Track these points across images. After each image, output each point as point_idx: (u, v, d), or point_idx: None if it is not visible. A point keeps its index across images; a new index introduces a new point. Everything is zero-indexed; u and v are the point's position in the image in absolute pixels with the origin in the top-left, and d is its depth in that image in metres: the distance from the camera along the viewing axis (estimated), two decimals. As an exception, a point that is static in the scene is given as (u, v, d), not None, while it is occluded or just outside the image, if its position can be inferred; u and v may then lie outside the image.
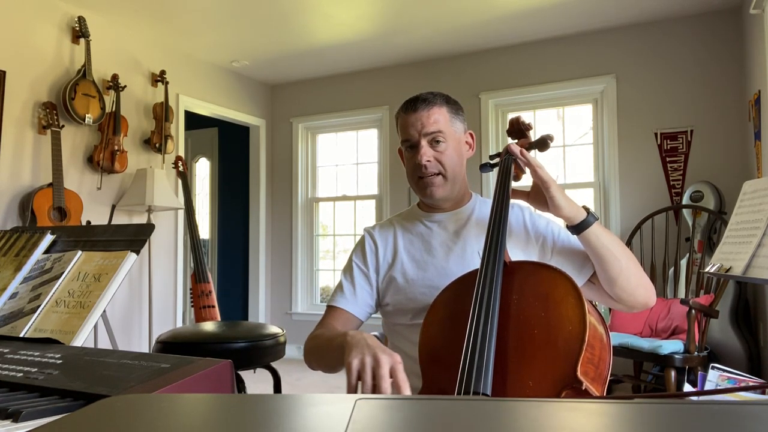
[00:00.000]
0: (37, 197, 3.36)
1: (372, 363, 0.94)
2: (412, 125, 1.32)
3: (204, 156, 6.29)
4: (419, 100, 1.34)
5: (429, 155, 1.31)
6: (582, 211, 1.17)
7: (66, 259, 0.99)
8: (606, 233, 1.19)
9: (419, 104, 1.33)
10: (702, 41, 4.00)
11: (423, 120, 1.32)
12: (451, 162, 1.33)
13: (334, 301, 1.36)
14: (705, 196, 3.75)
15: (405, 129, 1.35)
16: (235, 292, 5.81)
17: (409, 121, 1.33)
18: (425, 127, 1.32)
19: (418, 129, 1.32)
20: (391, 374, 0.92)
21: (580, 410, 0.32)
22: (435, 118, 1.32)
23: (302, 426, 0.31)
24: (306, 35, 4.38)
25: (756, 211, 1.41)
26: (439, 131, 1.32)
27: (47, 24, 3.67)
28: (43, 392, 0.66)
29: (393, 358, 0.94)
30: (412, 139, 1.33)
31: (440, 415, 0.31)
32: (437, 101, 1.35)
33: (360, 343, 1.00)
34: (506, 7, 3.91)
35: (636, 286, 1.20)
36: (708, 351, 3.16)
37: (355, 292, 1.37)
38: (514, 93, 4.57)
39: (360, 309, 1.36)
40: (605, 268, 1.19)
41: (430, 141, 1.32)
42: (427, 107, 1.33)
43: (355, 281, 1.38)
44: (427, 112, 1.32)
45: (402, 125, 1.36)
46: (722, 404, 0.30)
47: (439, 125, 1.32)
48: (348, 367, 0.95)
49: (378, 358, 0.93)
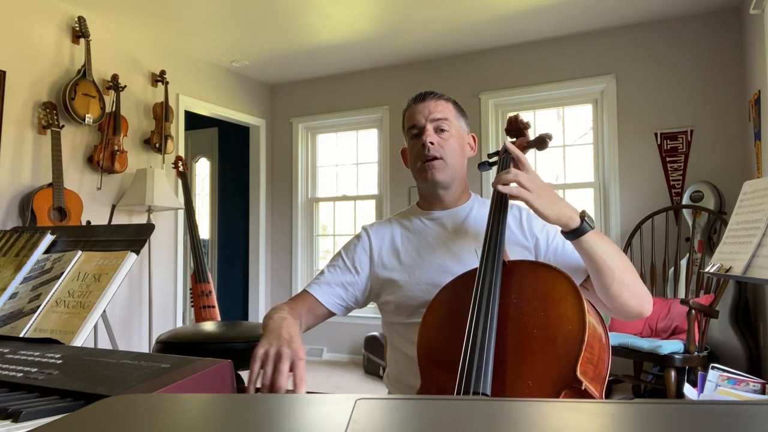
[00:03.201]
0: (37, 197, 3.36)
1: (274, 356, 0.93)
2: (420, 112, 1.38)
3: (204, 156, 6.29)
4: (428, 93, 1.41)
5: (433, 137, 1.35)
6: (575, 219, 1.12)
7: (66, 259, 0.99)
8: (602, 242, 1.15)
9: (428, 95, 1.40)
10: (702, 41, 4.00)
11: (431, 107, 1.38)
12: (452, 151, 1.37)
13: (308, 286, 1.37)
14: (705, 196, 3.75)
15: (412, 116, 1.39)
16: (235, 292, 5.81)
17: (417, 109, 1.39)
18: (432, 113, 1.37)
19: (425, 115, 1.37)
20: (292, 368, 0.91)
21: (580, 410, 0.32)
22: (442, 108, 1.38)
23: (302, 426, 0.31)
24: (306, 35, 4.38)
25: (756, 211, 1.41)
26: (446, 118, 1.37)
27: (47, 24, 3.67)
28: (43, 392, 0.66)
29: (296, 353, 0.93)
30: (418, 124, 1.37)
31: (440, 415, 0.31)
32: (445, 97, 1.42)
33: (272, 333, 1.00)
34: (506, 7, 3.91)
35: (629, 296, 1.16)
36: (708, 351, 3.16)
37: (330, 282, 1.37)
38: (514, 93, 4.57)
39: (329, 299, 1.34)
40: (597, 276, 1.16)
41: (436, 128, 1.36)
42: (435, 98, 1.40)
43: (333, 272, 1.39)
44: (435, 102, 1.39)
45: (409, 115, 1.41)
46: (722, 404, 0.30)
47: (445, 113, 1.38)
48: (252, 356, 0.94)
49: (280, 352, 0.93)
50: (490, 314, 1.00)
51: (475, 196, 1.46)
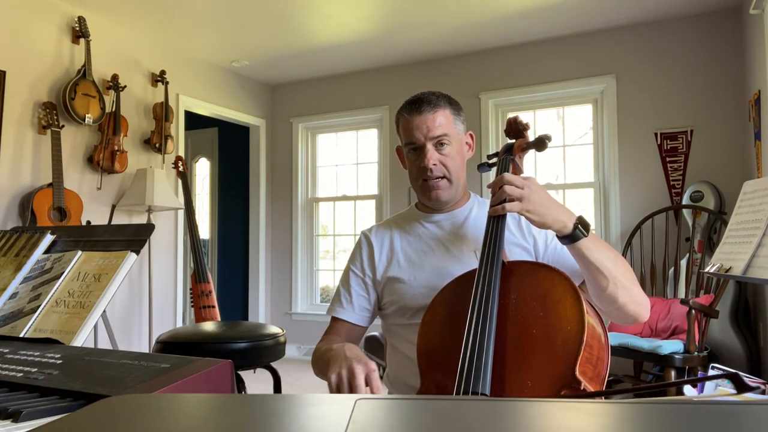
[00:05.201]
0: (37, 197, 3.36)
1: (347, 375, 0.97)
2: (417, 128, 1.31)
3: (204, 156, 6.29)
4: (423, 102, 1.32)
5: (435, 159, 1.31)
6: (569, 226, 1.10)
7: (66, 259, 0.99)
8: (598, 248, 1.13)
9: (424, 106, 1.32)
10: (702, 41, 4.00)
11: (428, 123, 1.31)
12: (455, 165, 1.34)
13: (334, 312, 1.38)
14: (705, 196, 3.75)
15: (409, 132, 1.33)
16: (235, 292, 5.81)
17: (414, 124, 1.32)
18: (431, 131, 1.30)
19: (423, 132, 1.31)
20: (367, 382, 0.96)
21: (579, 410, 0.32)
22: (440, 122, 1.31)
23: (302, 426, 0.31)
24: (306, 35, 4.38)
25: (756, 211, 1.41)
26: (445, 134, 1.31)
27: (47, 24, 3.67)
28: (43, 392, 0.66)
29: (367, 366, 0.98)
30: (417, 142, 1.32)
31: (440, 415, 0.31)
32: (441, 103, 1.33)
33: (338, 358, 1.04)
34: (506, 7, 3.91)
35: (625, 302, 1.15)
36: (708, 351, 3.16)
37: (351, 300, 1.39)
38: (514, 93, 4.57)
39: (358, 316, 1.38)
40: (590, 280, 1.16)
41: (436, 144, 1.31)
42: (432, 110, 1.32)
43: (351, 288, 1.40)
44: (433, 115, 1.31)
45: (405, 128, 1.34)
46: (722, 404, 0.30)
47: (444, 128, 1.31)
48: (329, 384, 1.00)
49: (352, 369, 0.97)
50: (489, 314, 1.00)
51: (474, 196, 1.45)
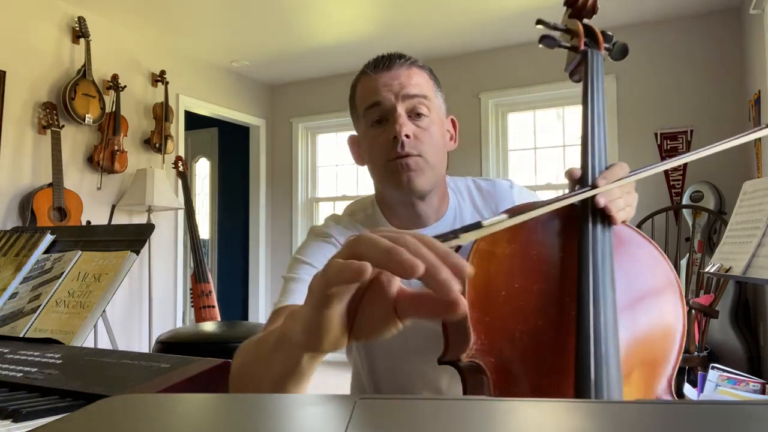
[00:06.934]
0: (37, 197, 3.36)
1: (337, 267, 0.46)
2: (386, 85, 0.95)
3: (204, 156, 6.28)
4: (394, 57, 0.98)
5: (408, 127, 0.93)
6: None
7: (66, 259, 0.99)
8: None
9: (395, 60, 0.97)
10: (702, 41, 4.00)
11: (402, 79, 0.95)
12: (433, 147, 0.96)
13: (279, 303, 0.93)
14: (705, 196, 3.75)
15: (372, 92, 0.96)
16: (235, 292, 5.81)
17: (382, 81, 0.95)
18: (404, 87, 0.94)
19: (394, 90, 0.94)
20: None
21: (579, 410, 0.32)
22: (417, 79, 0.96)
23: (302, 426, 0.31)
24: (306, 35, 4.38)
25: (756, 211, 1.41)
26: (424, 96, 0.96)
27: (47, 24, 3.67)
28: (43, 392, 0.66)
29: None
30: (385, 102, 0.94)
31: (440, 415, 0.31)
32: (417, 63, 0.99)
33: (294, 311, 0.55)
34: (506, 7, 3.91)
35: None
36: (708, 351, 3.16)
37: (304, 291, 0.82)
38: (514, 93, 4.57)
39: None
40: None
41: (410, 111, 0.95)
42: (407, 64, 0.97)
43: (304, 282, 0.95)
44: (407, 70, 0.96)
45: (366, 89, 0.98)
46: (722, 404, 0.30)
47: (423, 88, 0.96)
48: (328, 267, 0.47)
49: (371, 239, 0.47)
50: (610, 301, 0.70)
51: (453, 190, 1.08)
